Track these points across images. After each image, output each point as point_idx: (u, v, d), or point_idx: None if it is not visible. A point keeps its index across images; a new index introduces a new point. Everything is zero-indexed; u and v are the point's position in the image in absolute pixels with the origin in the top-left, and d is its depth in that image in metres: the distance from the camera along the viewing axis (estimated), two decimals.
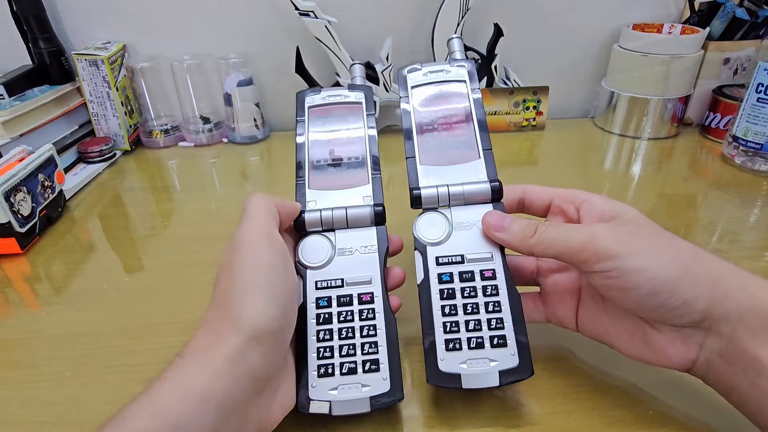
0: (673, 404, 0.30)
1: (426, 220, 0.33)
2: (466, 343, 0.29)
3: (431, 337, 0.29)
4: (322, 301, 0.30)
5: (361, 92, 0.38)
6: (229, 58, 0.69)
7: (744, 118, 0.60)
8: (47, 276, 0.46)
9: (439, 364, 0.28)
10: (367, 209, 0.33)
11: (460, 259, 0.31)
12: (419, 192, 0.33)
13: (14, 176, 0.47)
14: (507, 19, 0.69)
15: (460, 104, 0.36)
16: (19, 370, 0.35)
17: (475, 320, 0.29)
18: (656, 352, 0.27)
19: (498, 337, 0.29)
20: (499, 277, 0.30)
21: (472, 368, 0.28)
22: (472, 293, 0.30)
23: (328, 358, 0.29)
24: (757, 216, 0.52)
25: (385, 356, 0.29)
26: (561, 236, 0.28)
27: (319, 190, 0.34)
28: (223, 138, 0.75)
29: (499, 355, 0.28)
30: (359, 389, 0.28)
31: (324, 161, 0.35)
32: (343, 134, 0.36)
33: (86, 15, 0.70)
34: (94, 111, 0.69)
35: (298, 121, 0.37)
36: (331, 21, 0.66)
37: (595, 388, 0.32)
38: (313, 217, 0.32)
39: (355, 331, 0.29)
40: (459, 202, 0.33)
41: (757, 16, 0.68)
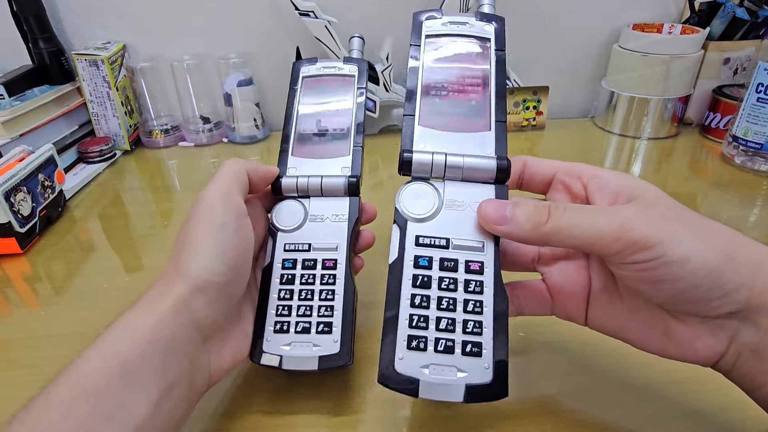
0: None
1: (412, 190, 0.28)
2: (432, 344, 0.24)
3: (393, 329, 0.25)
4: (288, 262, 0.31)
5: (356, 65, 0.38)
6: (229, 58, 0.69)
7: (744, 118, 0.60)
8: (47, 276, 0.46)
9: (396, 363, 0.24)
10: (342, 179, 0.33)
11: (444, 243, 0.26)
12: (410, 156, 0.28)
13: (14, 176, 0.47)
14: (507, 19, 0.69)
15: (479, 65, 0.31)
16: (19, 370, 0.35)
17: (449, 318, 0.25)
18: (680, 346, 0.25)
19: (473, 344, 0.24)
20: (487, 273, 0.26)
21: (434, 375, 0.24)
22: (451, 286, 0.25)
23: (285, 316, 0.30)
24: (757, 216, 0.52)
25: (339, 321, 0.29)
26: (586, 222, 0.23)
27: (301, 158, 0.35)
28: (223, 138, 0.75)
29: (469, 366, 0.24)
30: (310, 348, 0.29)
31: (310, 131, 0.36)
32: (333, 106, 0.37)
33: (86, 15, 0.70)
34: (94, 111, 0.69)
35: (292, 90, 0.37)
36: (331, 21, 0.66)
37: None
38: (289, 183, 0.33)
39: (315, 294, 0.30)
40: (456, 175, 0.28)
41: (757, 16, 0.68)
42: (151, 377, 0.23)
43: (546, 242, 0.24)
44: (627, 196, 0.25)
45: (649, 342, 0.26)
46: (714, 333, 0.24)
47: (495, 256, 0.26)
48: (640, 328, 0.26)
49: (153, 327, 0.24)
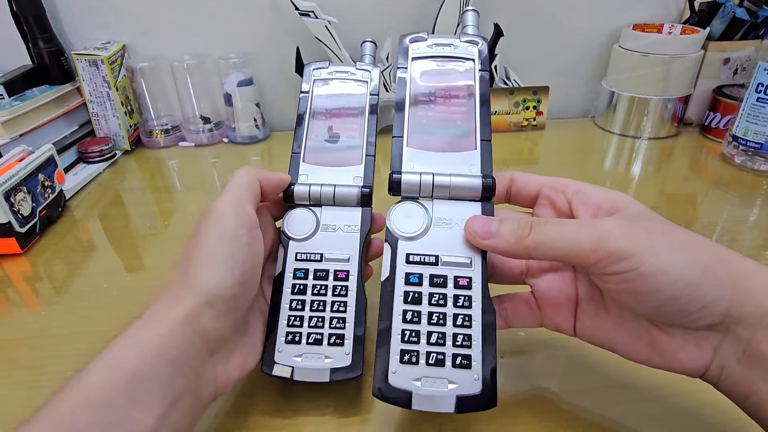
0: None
1: (402, 210, 0.29)
2: (424, 358, 0.25)
3: (386, 344, 0.26)
4: (300, 272, 0.31)
5: (368, 72, 0.37)
6: (229, 58, 0.69)
7: (744, 117, 0.60)
8: (47, 276, 0.46)
9: (390, 377, 0.25)
10: (355, 189, 0.33)
11: (434, 260, 0.28)
12: (399, 177, 0.29)
13: (14, 176, 0.47)
14: (507, 19, 0.69)
15: (464, 86, 0.32)
16: (19, 370, 0.35)
17: (439, 333, 0.26)
18: (665, 357, 0.25)
19: (462, 356, 0.25)
20: (475, 287, 0.27)
21: (426, 388, 0.25)
22: (441, 301, 0.27)
23: (297, 327, 0.29)
24: (756, 215, 0.52)
25: (351, 333, 0.29)
26: (566, 234, 0.24)
27: (312, 165, 0.34)
28: (224, 138, 0.75)
29: (459, 378, 0.25)
30: (321, 360, 0.29)
31: (321, 137, 0.35)
32: (345, 112, 0.36)
33: (86, 15, 0.70)
34: (94, 111, 0.69)
35: (303, 93, 0.37)
36: (331, 21, 0.66)
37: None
38: (301, 191, 0.33)
39: (326, 305, 0.30)
40: (443, 194, 0.29)
41: (757, 16, 0.68)
42: (157, 391, 0.23)
43: (529, 255, 0.25)
44: (608, 209, 0.27)
45: (635, 353, 0.26)
46: (698, 344, 0.24)
47: (482, 271, 0.27)
48: (626, 338, 0.26)
49: (160, 340, 0.24)
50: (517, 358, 0.35)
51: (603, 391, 0.32)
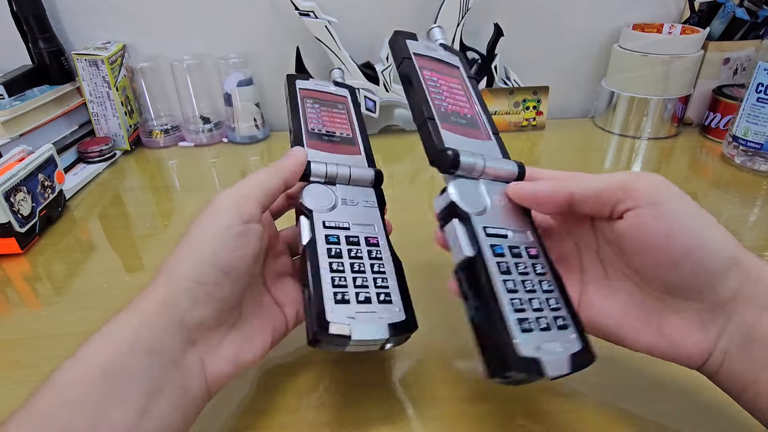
0: None
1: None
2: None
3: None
4: (332, 237, 0.30)
5: (346, 89, 0.41)
6: (229, 58, 0.69)
7: (744, 117, 0.60)
8: (47, 276, 0.46)
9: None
10: (370, 171, 0.35)
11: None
12: (457, 155, 0.28)
13: (14, 176, 0.47)
14: (507, 19, 0.69)
15: (462, 85, 0.35)
16: (19, 370, 0.35)
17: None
18: (671, 341, 0.25)
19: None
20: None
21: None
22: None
23: (343, 288, 0.28)
24: (757, 215, 0.52)
25: (397, 292, 0.30)
26: (598, 177, 0.27)
27: (316, 150, 0.35)
28: (223, 138, 0.75)
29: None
30: (375, 318, 0.28)
31: (318, 131, 0.36)
32: (335, 117, 0.38)
33: (86, 15, 0.70)
34: (94, 111, 0.69)
35: (291, 98, 0.38)
36: (331, 21, 0.66)
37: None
38: (319, 168, 0.33)
39: (365, 267, 0.30)
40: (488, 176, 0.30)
41: (757, 16, 0.68)
42: (134, 383, 0.22)
43: (571, 193, 0.27)
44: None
45: (642, 338, 0.26)
46: (704, 327, 0.25)
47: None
48: (634, 322, 0.26)
49: (134, 330, 0.23)
50: None
51: (603, 392, 0.32)
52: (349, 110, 0.39)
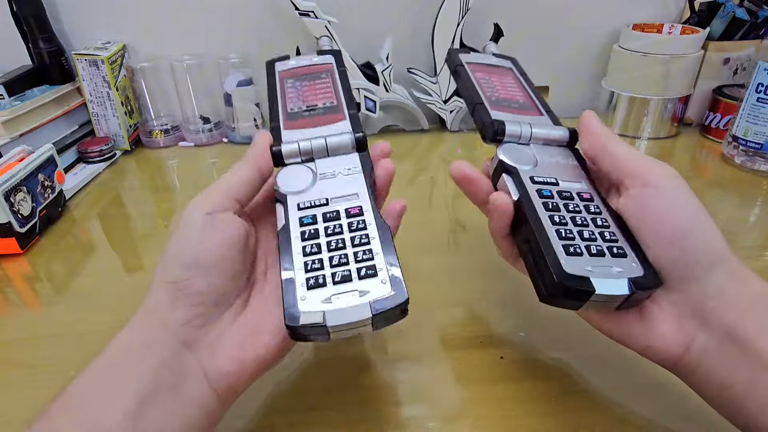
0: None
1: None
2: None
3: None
4: (306, 218, 0.28)
5: (330, 55, 0.38)
6: (229, 58, 0.69)
7: (744, 118, 0.60)
8: (47, 276, 0.46)
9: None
10: (348, 136, 0.32)
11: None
12: (503, 124, 0.32)
13: (14, 176, 0.47)
14: (507, 19, 0.69)
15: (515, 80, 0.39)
16: (19, 370, 0.35)
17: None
18: (650, 329, 0.26)
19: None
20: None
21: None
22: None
23: (318, 270, 0.26)
24: (757, 216, 0.52)
25: (383, 261, 0.26)
26: (632, 150, 0.29)
27: (294, 130, 0.33)
28: (223, 138, 0.75)
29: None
30: (356, 296, 0.25)
31: (298, 108, 0.34)
32: (317, 87, 0.36)
33: (86, 15, 0.70)
34: (94, 111, 0.69)
35: (269, 82, 0.36)
36: (331, 21, 0.66)
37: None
38: (290, 148, 0.31)
39: (346, 242, 0.27)
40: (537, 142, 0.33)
41: (757, 16, 0.68)
42: (125, 385, 0.23)
43: (604, 146, 0.29)
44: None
45: (622, 324, 0.27)
46: (681, 321, 0.25)
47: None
48: (619, 314, 0.27)
49: (123, 337, 0.25)
50: (516, 358, 0.35)
51: (602, 392, 0.32)
52: (333, 77, 0.37)
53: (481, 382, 0.33)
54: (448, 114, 0.73)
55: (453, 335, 0.37)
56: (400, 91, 0.72)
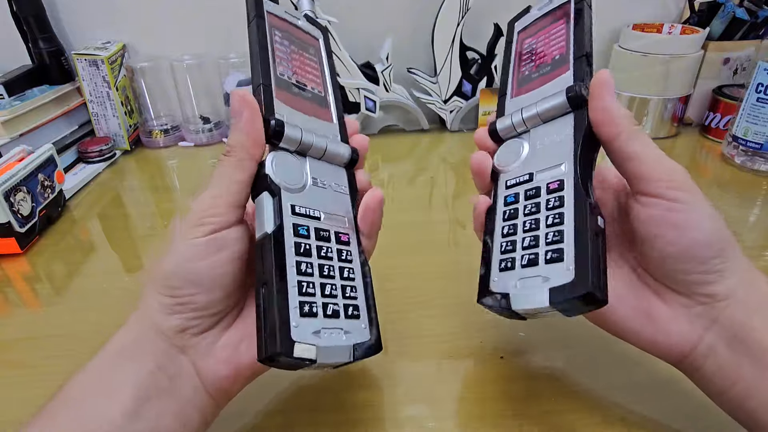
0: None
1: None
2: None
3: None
4: (302, 229, 0.25)
5: (319, 30, 0.33)
6: (229, 58, 0.69)
7: (744, 117, 0.60)
8: (47, 276, 0.46)
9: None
10: (347, 150, 0.29)
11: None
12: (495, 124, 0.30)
13: (14, 176, 0.47)
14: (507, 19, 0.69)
15: (319, 60, 0.32)
16: (19, 370, 0.35)
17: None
18: (657, 328, 0.26)
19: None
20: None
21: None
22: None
23: (311, 296, 0.24)
24: (756, 216, 0.52)
25: (364, 302, 0.26)
26: (656, 149, 0.26)
27: (286, 106, 0.28)
28: (223, 138, 0.75)
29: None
30: (341, 336, 0.24)
31: (288, 78, 0.29)
32: (306, 63, 0.31)
33: (86, 15, 0.70)
34: (94, 111, 0.69)
35: (258, 23, 0.28)
36: (331, 21, 0.66)
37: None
38: (293, 134, 0.27)
39: (335, 271, 0.25)
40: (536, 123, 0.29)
41: (757, 16, 0.68)
42: (123, 386, 0.23)
43: (619, 132, 0.26)
44: None
45: (626, 320, 0.26)
46: (691, 321, 0.25)
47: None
48: (623, 306, 0.27)
49: (119, 338, 0.25)
50: (516, 358, 0.35)
51: (602, 392, 0.32)
52: (321, 59, 0.32)
53: (481, 382, 0.33)
54: (448, 114, 0.73)
55: (453, 335, 0.37)
56: (400, 91, 0.72)
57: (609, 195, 0.29)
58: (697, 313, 0.25)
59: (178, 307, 0.25)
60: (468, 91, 0.72)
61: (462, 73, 0.70)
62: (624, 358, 0.33)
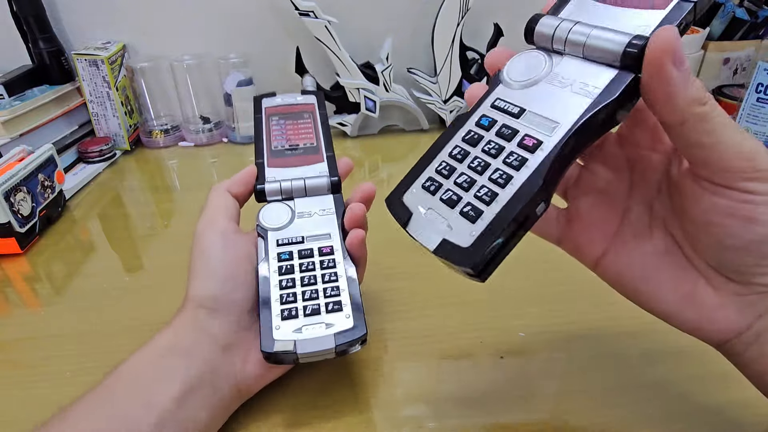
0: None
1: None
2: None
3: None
4: (284, 254, 0.32)
5: (313, 96, 0.42)
6: (229, 58, 0.69)
7: (744, 118, 0.60)
8: (47, 276, 0.46)
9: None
10: (324, 179, 0.36)
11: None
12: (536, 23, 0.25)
13: (14, 176, 0.47)
14: (507, 19, 0.69)
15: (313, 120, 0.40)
16: (19, 370, 0.35)
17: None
18: (700, 312, 0.24)
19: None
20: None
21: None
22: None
23: (292, 303, 0.30)
24: None
25: (348, 299, 0.30)
26: (732, 130, 0.20)
27: (277, 168, 0.36)
28: (223, 138, 0.75)
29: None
30: (323, 328, 0.29)
31: (281, 147, 0.38)
32: (300, 127, 0.39)
33: (86, 15, 0.70)
34: (94, 111, 0.69)
35: (256, 118, 0.39)
36: (331, 21, 0.66)
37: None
38: (273, 187, 0.35)
39: (317, 279, 0.31)
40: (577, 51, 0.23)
41: (757, 16, 0.68)
42: (173, 375, 0.27)
43: (684, 119, 0.20)
44: None
45: (664, 299, 0.24)
46: (741, 309, 0.23)
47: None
48: (665, 282, 0.25)
49: (170, 338, 0.29)
50: (516, 358, 0.35)
51: (602, 392, 0.32)
52: (315, 118, 0.40)
53: (481, 382, 0.33)
54: (448, 114, 0.73)
55: (453, 335, 0.37)
56: (400, 91, 0.72)
57: (661, 157, 0.25)
58: (750, 301, 0.23)
59: (218, 307, 0.30)
60: None
61: (462, 73, 0.70)
62: (624, 358, 0.33)
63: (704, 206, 0.22)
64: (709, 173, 0.21)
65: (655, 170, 0.25)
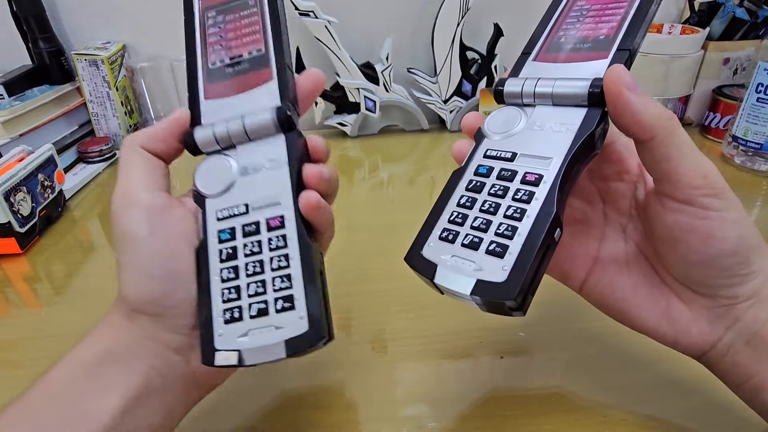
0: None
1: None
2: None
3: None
4: (224, 233, 0.25)
5: None
6: None
7: (744, 118, 0.60)
8: (47, 276, 0.46)
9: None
10: (268, 113, 0.25)
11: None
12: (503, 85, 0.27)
13: (14, 176, 0.47)
14: (507, 19, 0.69)
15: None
16: (19, 370, 0.35)
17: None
18: (676, 327, 0.25)
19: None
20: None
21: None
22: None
23: (235, 300, 0.24)
24: (756, 216, 0.52)
25: (301, 291, 0.23)
26: (692, 149, 0.23)
27: (216, 100, 0.27)
28: None
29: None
30: (272, 332, 0.23)
31: (221, 63, 0.28)
32: (243, 26, 0.28)
33: (86, 15, 0.70)
34: (94, 111, 0.69)
35: (186, 19, 0.29)
36: (331, 21, 0.66)
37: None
38: (205, 136, 0.26)
39: (264, 265, 0.24)
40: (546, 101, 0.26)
41: (757, 16, 0.68)
42: (111, 386, 0.23)
43: (653, 135, 0.23)
44: None
45: (646, 317, 0.26)
46: (711, 322, 0.25)
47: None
48: (641, 301, 0.26)
49: (109, 338, 0.24)
50: (516, 358, 0.35)
51: (602, 392, 0.32)
52: (261, 7, 0.28)
53: (481, 382, 0.33)
54: (448, 114, 0.73)
55: (453, 335, 0.37)
56: (400, 91, 0.72)
57: (628, 185, 0.27)
58: (718, 314, 0.25)
59: (157, 309, 0.24)
60: (468, 91, 0.72)
61: (462, 73, 0.71)
62: (624, 358, 0.33)
63: (668, 223, 0.24)
64: (672, 189, 0.23)
65: (624, 197, 0.28)
